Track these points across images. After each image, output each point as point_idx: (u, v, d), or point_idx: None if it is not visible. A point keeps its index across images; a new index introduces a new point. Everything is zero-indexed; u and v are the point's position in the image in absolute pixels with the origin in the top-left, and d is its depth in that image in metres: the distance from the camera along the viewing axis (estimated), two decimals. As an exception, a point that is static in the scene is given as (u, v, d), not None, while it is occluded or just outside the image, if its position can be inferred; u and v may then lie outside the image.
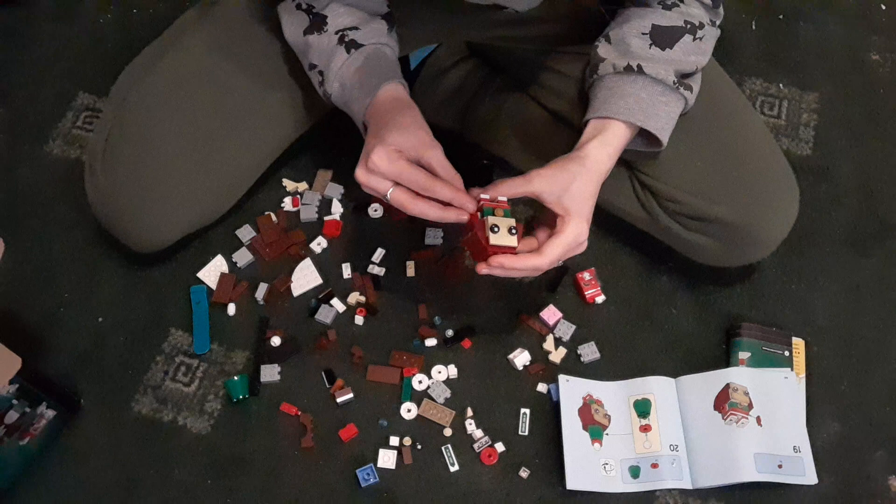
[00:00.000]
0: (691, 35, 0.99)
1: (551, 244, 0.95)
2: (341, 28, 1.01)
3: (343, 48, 1.00)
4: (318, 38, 1.02)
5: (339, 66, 1.00)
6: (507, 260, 0.94)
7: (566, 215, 0.95)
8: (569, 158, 0.98)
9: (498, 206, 0.96)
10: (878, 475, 1.10)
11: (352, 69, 1.00)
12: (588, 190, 0.97)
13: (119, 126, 1.11)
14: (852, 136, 1.36)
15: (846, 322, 1.20)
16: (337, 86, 1.02)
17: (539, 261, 0.95)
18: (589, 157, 0.97)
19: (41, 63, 1.43)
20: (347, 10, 1.02)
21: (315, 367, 1.15)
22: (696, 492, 1.08)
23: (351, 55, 1.00)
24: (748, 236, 1.09)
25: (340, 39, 1.01)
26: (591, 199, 0.97)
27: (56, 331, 1.18)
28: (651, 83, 0.98)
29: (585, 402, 1.11)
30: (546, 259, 0.95)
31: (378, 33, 1.03)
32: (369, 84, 0.99)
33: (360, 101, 0.99)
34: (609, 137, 0.98)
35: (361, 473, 1.08)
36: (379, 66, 1.01)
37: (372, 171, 0.93)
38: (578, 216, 0.96)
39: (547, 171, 0.96)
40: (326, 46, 1.01)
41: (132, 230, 1.13)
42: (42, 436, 1.08)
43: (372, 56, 1.01)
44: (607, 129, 0.99)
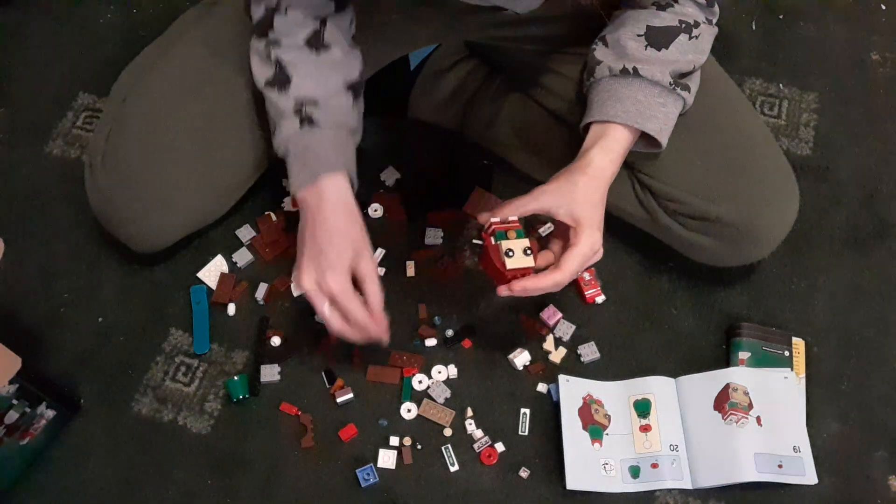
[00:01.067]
0: (687, 34, 0.99)
1: (568, 258, 0.95)
2: (302, 98, 0.99)
3: (298, 120, 0.99)
4: (277, 95, 1.00)
5: (288, 135, 1.00)
6: (529, 283, 0.95)
7: (578, 226, 0.96)
8: (572, 170, 0.98)
9: (509, 228, 0.97)
10: (878, 475, 1.10)
11: (300, 144, 1.00)
12: (595, 197, 0.97)
13: (119, 126, 1.11)
14: (852, 136, 1.36)
15: (846, 322, 1.20)
16: (282, 149, 1.02)
17: (559, 276, 0.95)
18: (591, 165, 0.98)
19: (41, 63, 1.43)
20: (313, 80, 1.00)
21: (315, 367, 1.15)
22: (696, 492, 1.08)
23: (303, 129, 0.99)
24: (748, 236, 1.09)
25: (298, 111, 0.99)
26: (599, 206, 0.97)
27: (56, 331, 1.18)
28: (648, 85, 0.98)
29: (585, 402, 1.11)
30: (565, 273, 0.95)
31: (339, 111, 1.01)
32: (314, 169, 0.98)
33: (298, 179, 0.99)
34: (609, 142, 0.99)
35: (361, 473, 1.08)
36: (327, 153, 1.00)
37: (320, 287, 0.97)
38: (590, 225, 0.96)
39: (552, 185, 0.97)
40: (283, 108, 1.00)
41: (132, 230, 1.13)
42: (42, 436, 1.08)
43: (324, 140, 1.00)
44: (607, 134, 0.99)
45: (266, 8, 1.00)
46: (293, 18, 0.99)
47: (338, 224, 0.98)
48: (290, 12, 0.99)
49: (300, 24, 1.00)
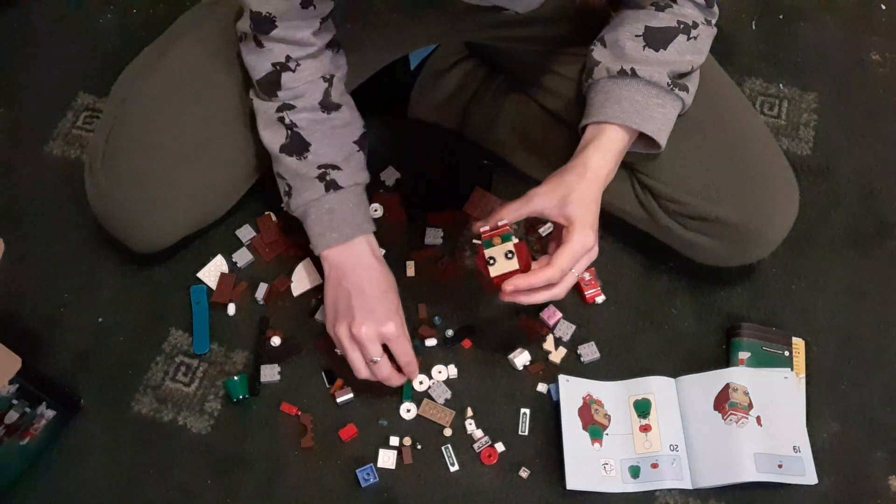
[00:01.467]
0: (685, 35, 0.99)
1: (559, 254, 0.96)
2: (324, 163, 1.02)
3: (323, 186, 1.02)
4: (296, 162, 1.03)
5: (312, 199, 1.03)
6: (520, 280, 0.96)
7: (570, 225, 0.96)
8: (565, 170, 0.98)
9: (496, 234, 0.98)
10: (878, 475, 1.10)
11: (324, 207, 1.03)
12: (588, 196, 0.97)
13: (119, 126, 1.10)
14: (852, 136, 1.36)
15: (846, 322, 1.20)
16: (301, 211, 1.05)
17: (550, 272, 0.95)
18: (585, 165, 0.98)
19: (41, 63, 1.43)
20: (331, 143, 1.03)
21: (315, 367, 1.15)
22: (696, 492, 1.08)
23: (328, 194, 1.02)
24: (748, 236, 1.09)
25: (321, 176, 1.02)
26: (592, 205, 0.97)
27: (56, 331, 1.18)
28: (645, 86, 0.98)
29: (585, 402, 1.11)
30: (556, 269, 0.95)
31: (357, 169, 1.05)
32: (342, 231, 1.03)
33: (324, 239, 1.03)
34: (605, 142, 0.99)
35: (361, 473, 1.08)
36: (353, 213, 1.04)
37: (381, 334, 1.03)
38: (582, 225, 0.96)
39: (544, 187, 0.98)
40: (304, 174, 1.03)
41: (132, 230, 1.13)
42: (42, 436, 1.08)
43: (348, 201, 1.04)
44: (603, 134, 0.99)
45: (273, 64, 1.00)
46: (304, 77, 1.01)
47: (385, 277, 1.06)
48: (300, 70, 1.00)
49: (312, 83, 1.02)
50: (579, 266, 0.97)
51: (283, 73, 1.00)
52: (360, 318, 1.02)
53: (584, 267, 0.98)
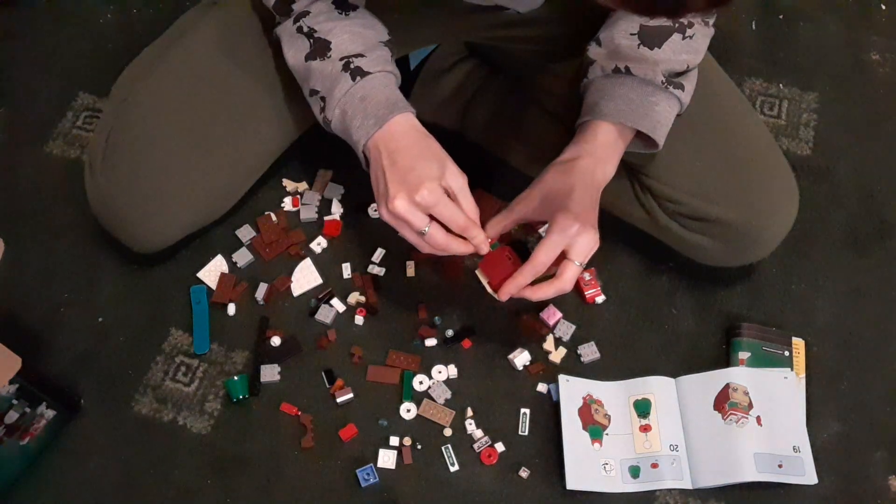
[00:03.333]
0: (680, 34, 0.99)
1: (541, 247, 0.97)
2: (346, 55, 0.99)
3: (348, 75, 0.98)
4: (320, 63, 0.99)
5: (343, 93, 0.98)
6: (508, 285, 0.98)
7: (552, 218, 0.97)
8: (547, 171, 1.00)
9: None
10: (878, 475, 1.10)
11: (356, 97, 0.98)
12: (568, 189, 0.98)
13: (119, 126, 1.10)
14: (852, 136, 1.36)
15: (846, 322, 1.20)
16: (338, 112, 0.99)
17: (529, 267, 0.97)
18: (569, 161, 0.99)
19: (41, 63, 1.43)
20: (351, 37, 1.00)
21: (315, 367, 1.15)
22: (696, 492, 1.08)
23: (356, 83, 0.98)
24: (748, 236, 1.09)
25: (346, 66, 0.98)
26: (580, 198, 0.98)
27: (56, 331, 1.18)
28: (640, 84, 0.98)
29: (585, 402, 1.11)
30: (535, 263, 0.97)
31: (383, 60, 1.01)
32: (377, 114, 0.97)
33: (364, 129, 0.97)
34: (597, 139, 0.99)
35: (361, 473, 1.08)
36: (387, 95, 0.99)
37: (418, 203, 0.93)
38: (563, 215, 0.97)
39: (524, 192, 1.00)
40: (330, 72, 0.99)
41: (132, 230, 1.13)
42: (42, 436, 1.08)
43: (378, 85, 0.99)
44: (596, 132, 0.99)
45: None
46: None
47: (419, 145, 0.97)
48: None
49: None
50: (579, 255, 0.98)
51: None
52: (392, 191, 0.94)
53: (583, 255, 0.98)
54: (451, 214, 0.95)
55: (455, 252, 0.97)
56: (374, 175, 0.98)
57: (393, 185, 0.94)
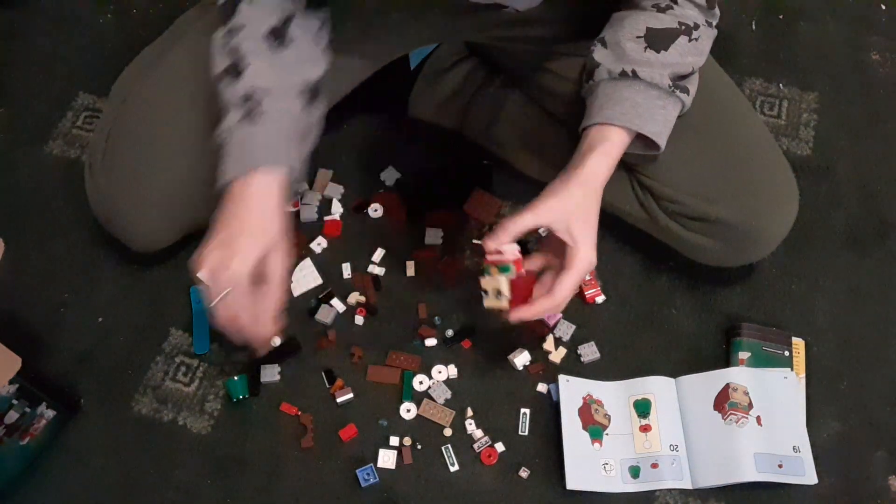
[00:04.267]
0: (686, 36, 0.99)
1: (563, 283, 0.96)
2: (252, 88, 0.95)
3: (240, 110, 0.95)
4: (226, 85, 0.97)
5: (228, 126, 0.96)
6: (523, 312, 0.98)
7: (574, 245, 0.96)
8: (570, 179, 0.97)
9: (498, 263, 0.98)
10: (878, 475, 1.10)
11: (237, 136, 0.95)
12: (592, 210, 0.97)
13: (119, 126, 1.10)
14: (852, 136, 1.36)
15: (846, 322, 1.20)
16: (219, 142, 0.97)
17: (552, 304, 0.97)
18: (590, 174, 0.97)
19: (41, 63, 1.43)
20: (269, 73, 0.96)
21: (315, 367, 1.15)
22: (696, 492, 1.08)
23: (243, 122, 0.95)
24: (748, 236, 1.09)
25: (245, 100, 0.95)
26: (594, 218, 0.98)
27: (56, 331, 1.18)
28: (646, 87, 0.98)
29: (585, 402, 1.11)
30: (558, 299, 0.96)
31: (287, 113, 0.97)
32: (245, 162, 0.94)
33: (229, 170, 0.95)
34: (608, 147, 0.98)
35: (361, 473, 1.08)
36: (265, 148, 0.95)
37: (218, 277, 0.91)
38: (585, 244, 0.96)
39: (552, 200, 0.96)
40: (229, 98, 0.96)
41: (132, 230, 1.13)
42: (42, 436, 1.08)
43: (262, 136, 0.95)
44: (606, 138, 0.98)
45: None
46: (262, 5, 0.97)
47: (256, 216, 0.93)
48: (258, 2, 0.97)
49: (265, 14, 0.97)
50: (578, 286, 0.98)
51: (240, 2, 0.97)
52: (205, 254, 0.93)
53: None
54: (237, 305, 0.93)
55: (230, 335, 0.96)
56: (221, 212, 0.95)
57: (212, 244, 0.93)
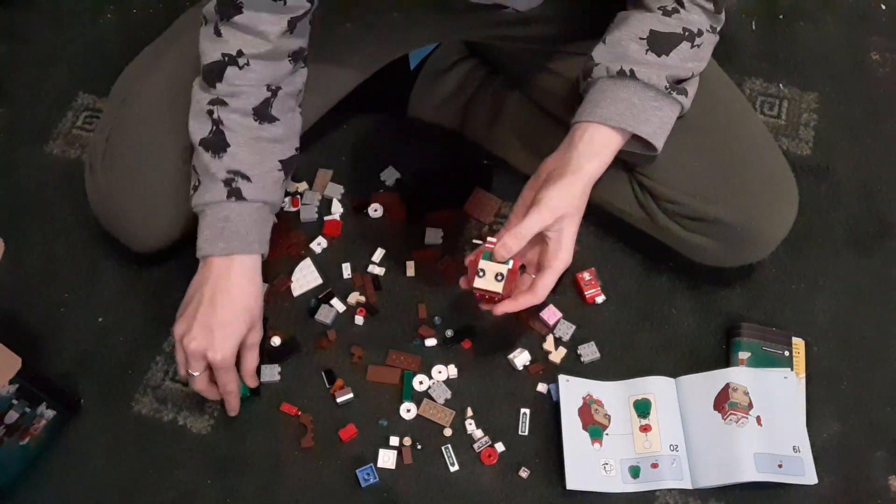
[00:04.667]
0: (689, 42, 0.99)
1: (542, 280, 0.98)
2: (235, 169, 0.99)
3: (225, 190, 0.99)
4: (209, 157, 1.00)
5: (210, 201, 1.00)
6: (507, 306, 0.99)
7: (558, 244, 0.97)
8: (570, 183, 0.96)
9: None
10: (878, 475, 1.10)
11: (221, 214, 1.00)
12: (582, 210, 0.98)
13: (119, 126, 1.11)
14: (852, 136, 1.36)
15: (846, 322, 1.20)
16: (199, 209, 1.02)
17: (533, 299, 0.98)
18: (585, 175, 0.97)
19: (41, 63, 1.43)
20: (251, 155, 1.00)
21: (315, 367, 1.16)
22: (696, 492, 1.08)
23: (229, 202, 1.00)
24: (748, 236, 1.09)
25: (228, 181, 0.99)
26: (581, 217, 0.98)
27: (56, 331, 1.18)
28: (643, 88, 0.98)
29: (585, 402, 1.11)
30: (539, 296, 0.98)
31: (267, 189, 1.02)
32: (228, 242, 1.00)
33: (210, 244, 1.01)
34: (602, 148, 0.98)
35: (361, 473, 1.08)
36: (249, 230, 1.01)
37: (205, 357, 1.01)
38: (568, 246, 0.97)
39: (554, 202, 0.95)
40: (213, 173, 1.00)
41: (132, 230, 1.13)
42: (42, 436, 1.08)
43: (245, 217, 1.01)
44: (598, 137, 0.97)
45: (223, 54, 0.97)
46: (248, 78, 0.98)
47: (244, 301, 1.02)
48: (248, 70, 0.98)
49: (254, 86, 0.99)
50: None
51: (228, 66, 0.98)
52: (195, 331, 1.00)
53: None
54: (226, 380, 1.04)
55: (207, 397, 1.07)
56: (192, 289, 1.03)
57: (199, 326, 1.00)
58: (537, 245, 1.00)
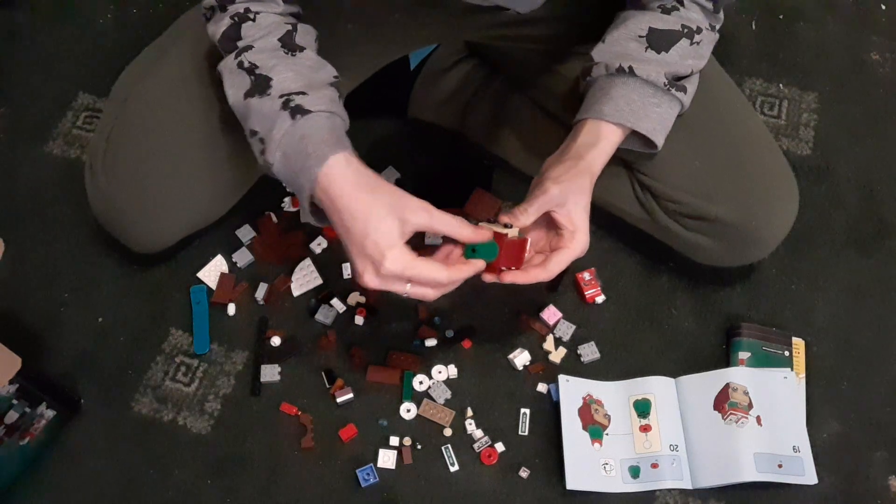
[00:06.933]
0: (688, 39, 0.99)
1: (557, 258, 0.96)
2: (287, 92, 0.92)
3: (287, 114, 0.91)
4: (259, 101, 0.92)
5: (282, 134, 0.91)
6: (515, 276, 0.95)
7: (576, 231, 0.96)
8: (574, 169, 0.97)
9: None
10: (878, 475, 1.10)
11: (296, 136, 0.91)
12: (588, 199, 0.98)
13: (119, 126, 1.10)
14: (852, 136, 1.36)
15: (846, 322, 1.20)
16: (279, 155, 0.92)
17: (544, 275, 0.96)
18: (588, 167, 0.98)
19: (41, 63, 1.43)
20: (295, 75, 0.93)
21: (315, 367, 1.16)
22: (696, 492, 1.08)
23: (296, 121, 0.90)
24: (748, 236, 1.09)
25: (285, 104, 0.91)
26: (589, 206, 0.98)
27: (56, 331, 1.18)
28: (642, 85, 0.98)
29: (585, 402, 1.11)
30: (551, 273, 0.96)
31: (328, 100, 0.94)
32: (317, 155, 0.89)
33: (307, 171, 0.90)
34: (603, 144, 0.98)
35: (361, 473, 1.08)
36: (329, 134, 0.91)
37: (386, 276, 0.89)
38: (584, 231, 0.97)
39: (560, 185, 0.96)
40: (269, 111, 0.92)
41: (132, 230, 1.13)
42: (42, 436, 1.08)
43: (321, 127, 0.91)
44: (601, 134, 0.98)
45: (231, 16, 0.95)
46: (264, 22, 0.96)
47: (364, 196, 0.89)
48: (259, 17, 0.95)
49: (271, 26, 0.96)
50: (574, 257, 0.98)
51: (242, 24, 0.95)
52: (359, 266, 0.90)
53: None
54: (424, 276, 0.90)
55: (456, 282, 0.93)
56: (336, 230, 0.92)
57: (357, 259, 0.90)
58: (551, 231, 0.99)
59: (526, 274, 0.96)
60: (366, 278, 0.90)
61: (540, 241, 1.00)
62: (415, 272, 0.89)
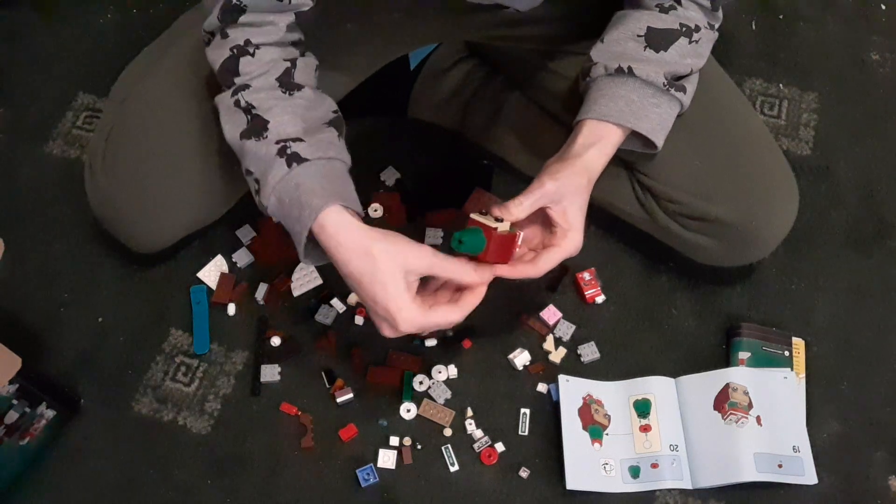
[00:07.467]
0: (687, 38, 0.99)
1: (548, 256, 0.96)
2: (283, 137, 0.91)
3: (283, 161, 0.90)
4: (255, 144, 0.92)
5: (276, 181, 0.90)
6: (505, 271, 0.95)
7: (568, 228, 0.96)
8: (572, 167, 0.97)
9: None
10: (878, 475, 1.10)
11: (291, 184, 0.90)
12: (586, 199, 0.98)
13: (119, 126, 1.10)
14: (852, 136, 1.36)
15: (846, 322, 1.20)
16: (274, 199, 0.91)
17: (533, 271, 0.96)
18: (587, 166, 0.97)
19: (41, 63, 1.43)
20: (291, 118, 0.92)
21: (315, 367, 1.16)
22: (696, 492, 1.08)
23: (292, 169, 0.90)
24: (748, 236, 1.09)
25: (281, 151, 0.90)
26: (586, 207, 0.98)
27: (56, 331, 1.18)
28: (642, 85, 0.98)
29: (585, 402, 1.11)
30: (540, 270, 0.96)
31: (325, 144, 0.93)
32: (311, 204, 0.88)
33: (302, 221, 0.89)
34: (603, 144, 0.98)
35: (361, 473, 1.08)
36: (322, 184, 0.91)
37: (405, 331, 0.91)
38: (578, 229, 0.97)
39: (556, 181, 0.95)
40: (265, 155, 0.91)
41: (132, 230, 1.13)
42: (42, 436, 1.08)
43: (315, 175, 0.91)
44: (601, 135, 0.98)
45: (231, 48, 0.94)
46: (263, 58, 0.94)
47: (364, 263, 0.89)
48: (258, 53, 0.94)
49: (270, 63, 0.95)
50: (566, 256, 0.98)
51: (240, 57, 0.94)
52: (375, 322, 0.93)
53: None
54: (439, 323, 0.92)
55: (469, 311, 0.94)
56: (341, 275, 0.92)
57: (371, 316, 0.92)
58: (546, 229, 0.99)
59: (513, 269, 0.95)
60: (385, 333, 0.93)
61: (534, 239, 1.00)
62: (430, 323, 0.92)
